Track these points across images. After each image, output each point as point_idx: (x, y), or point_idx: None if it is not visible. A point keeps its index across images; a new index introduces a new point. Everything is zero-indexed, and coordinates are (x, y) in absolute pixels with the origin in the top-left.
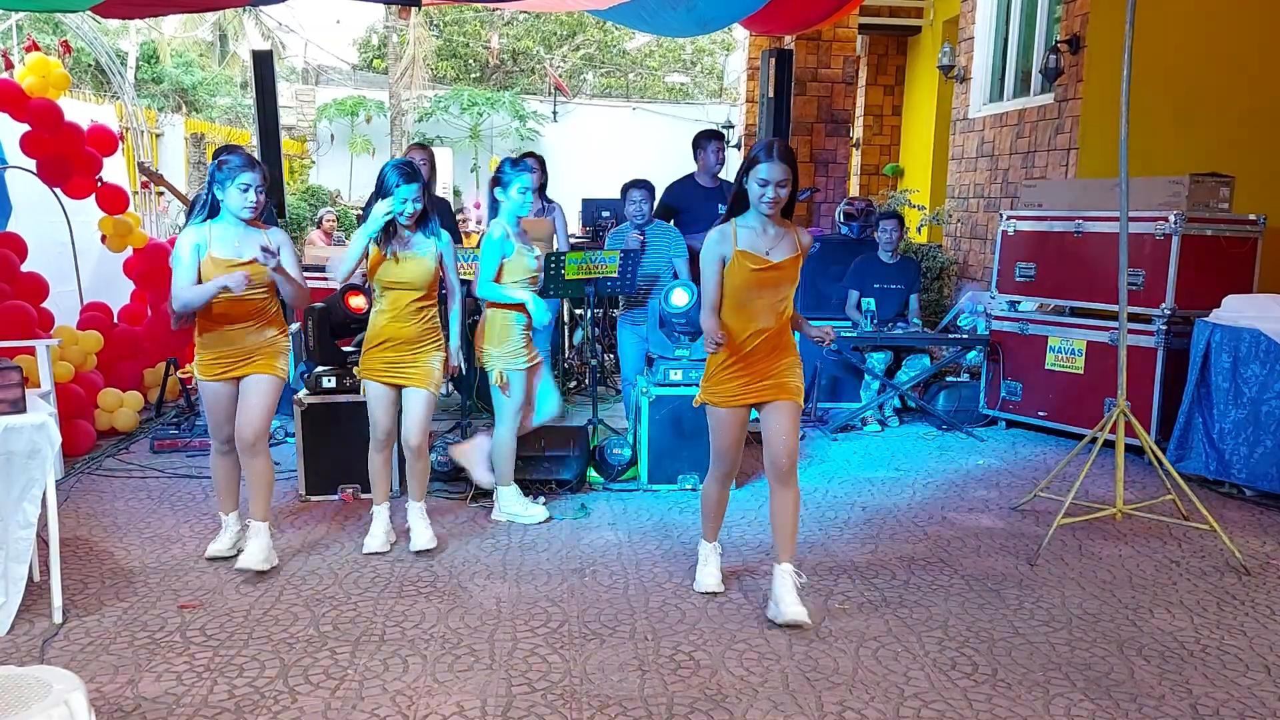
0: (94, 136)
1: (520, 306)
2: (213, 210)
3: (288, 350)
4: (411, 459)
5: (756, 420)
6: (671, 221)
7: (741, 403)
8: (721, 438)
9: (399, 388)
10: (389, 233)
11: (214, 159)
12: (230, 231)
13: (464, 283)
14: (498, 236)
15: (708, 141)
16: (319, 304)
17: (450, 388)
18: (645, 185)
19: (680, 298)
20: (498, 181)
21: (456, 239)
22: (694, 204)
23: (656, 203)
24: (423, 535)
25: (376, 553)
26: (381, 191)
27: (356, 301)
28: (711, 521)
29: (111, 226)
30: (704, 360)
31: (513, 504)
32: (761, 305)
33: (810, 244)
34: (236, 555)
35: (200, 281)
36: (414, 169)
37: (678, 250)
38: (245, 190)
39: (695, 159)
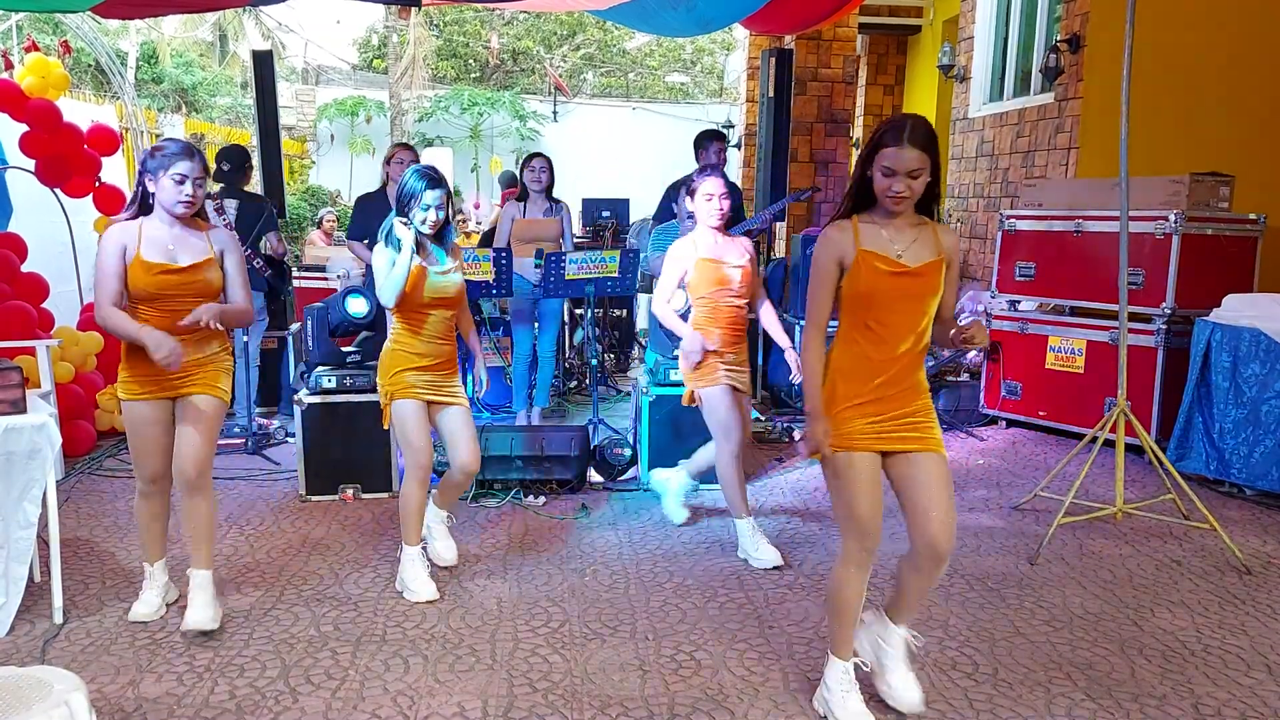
0: (93, 137)
1: (713, 319)
2: (144, 206)
3: (231, 369)
4: (463, 480)
5: (759, 420)
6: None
7: (878, 446)
8: (857, 498)
9: (431, 405)
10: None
11: (146, 152)
12: (163, 231)
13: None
14: (682, 246)
15: (709, 142)
16: (319, 304)
17: None
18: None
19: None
20: (691, 191)
21: None
22: None
23: (657, 204)
24: (450, 551)
25: (430, 601)
26: (404, 197)
27: (356, 305)
28: (846, 628)
29: (103, 227)
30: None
31: (745, 539)
32: (898, 322)
33: (955, 246)
34: (168, 610)
35: (127, 287)
36: (439, 175)
37: None
38: (181, 182)
39: (696, 159)
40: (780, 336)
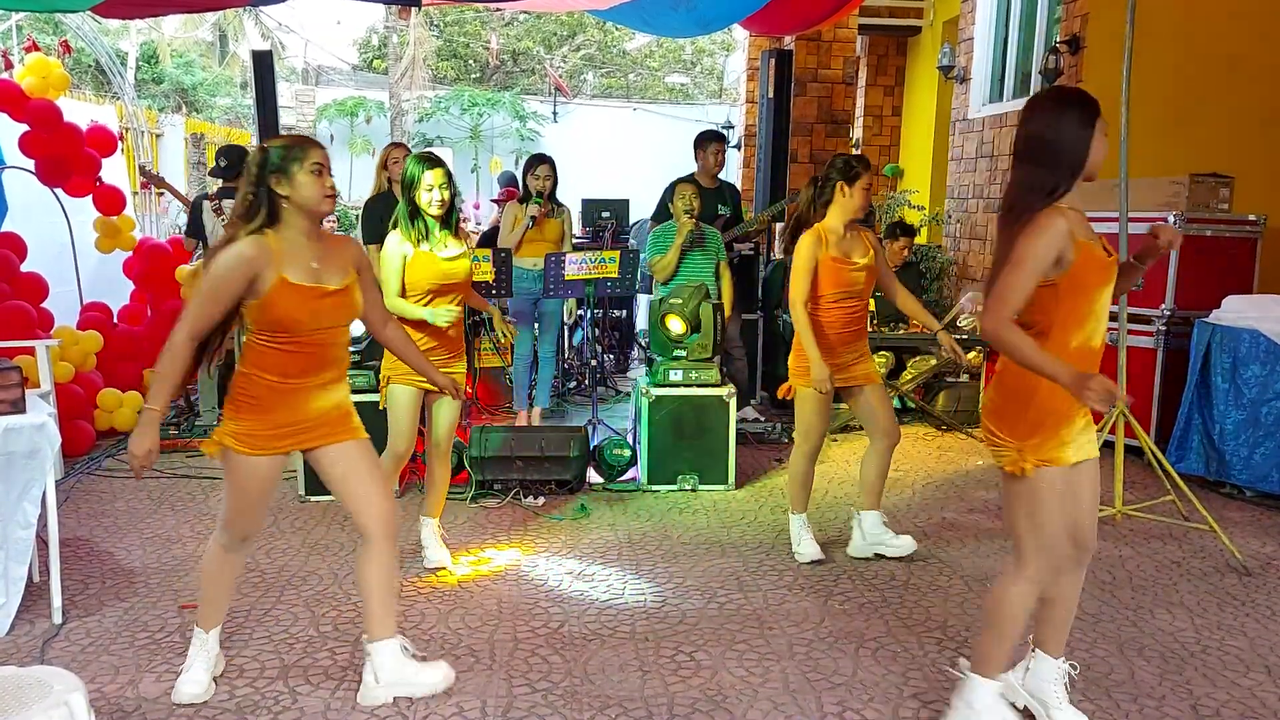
0: (93, 137)
1: (830, 320)
2: (272, 216)
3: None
4: (435, 466)
5: (757, 421)
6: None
7: (1078, 456)
8: (1057, 517)
9: (428, 393)
10: (420, 227)
11: (262, 149)
12: (300, 245)
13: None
14: (811, 241)
15: (707, 143)
16: None
17: None
18: (696, 183)
19: (676, 326)
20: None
21: None
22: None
23: (658, 202)
24: (437, 553)
25: (443, 566)
26: (405, 185)
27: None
28: (1005, 644)
29: (101, 227)
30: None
31: (792, 531)
32: (1100, 314)
33: None
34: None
35: (294, 319)
36: (435, 156)
37: (721, 252)
38: (320, 173)
39: (695, 159)
40: (927, 320)
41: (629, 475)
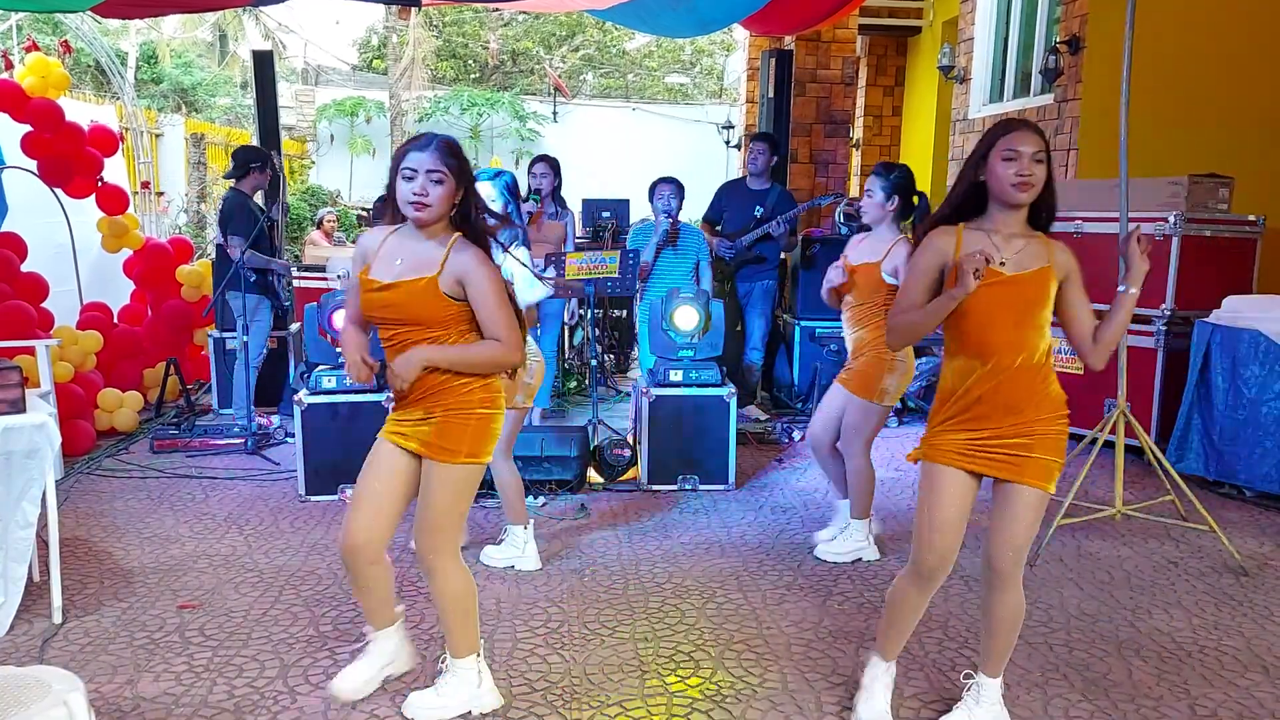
0: (94, 137)
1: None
2: (396, 212)
3: (494, 427)
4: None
5: (758, 421)
6: (721, 224)
7: (966, 465)
8: (926, 511)
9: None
10: None
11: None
12: (402, 241)
13: None
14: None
15: (752, 143)
16: (316, 304)
17: None
18: (675, 182)
19: (688, 319)
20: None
21: None
22: (731, 203)
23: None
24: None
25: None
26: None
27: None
28: (894, 637)
29: (107, 227)
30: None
31: (854, 538)
32: (998, 336)
33: (1071, 262)
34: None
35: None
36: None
37: (703, 251)
38: (410, 178)
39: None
40: None
41: (628, 476)
